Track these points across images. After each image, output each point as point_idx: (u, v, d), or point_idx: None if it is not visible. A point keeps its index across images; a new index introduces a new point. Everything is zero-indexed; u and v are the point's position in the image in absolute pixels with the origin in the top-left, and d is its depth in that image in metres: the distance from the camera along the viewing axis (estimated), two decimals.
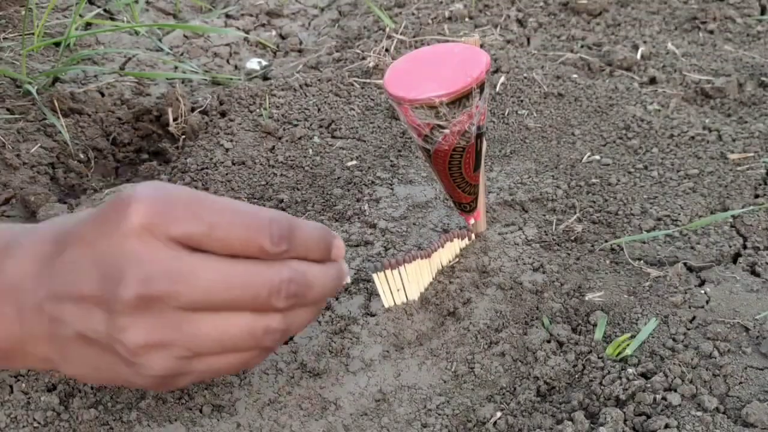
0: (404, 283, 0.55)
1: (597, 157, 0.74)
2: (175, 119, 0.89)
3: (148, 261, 0.37)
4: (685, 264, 0.58)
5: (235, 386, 0.50)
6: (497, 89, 0.88)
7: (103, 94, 0.97)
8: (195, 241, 0.38)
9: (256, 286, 0.39)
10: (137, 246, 0.37)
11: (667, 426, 0.43)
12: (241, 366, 0.42)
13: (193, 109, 0.90)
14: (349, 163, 0.77)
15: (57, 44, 1.06)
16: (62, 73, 0.99)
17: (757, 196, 0.67)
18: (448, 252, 0.59)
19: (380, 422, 0.47)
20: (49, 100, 0.88)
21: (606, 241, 0.62)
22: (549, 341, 0.52)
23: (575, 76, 0.91)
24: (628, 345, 0.49)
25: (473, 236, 0.62)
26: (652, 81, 0.92)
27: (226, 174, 0.76)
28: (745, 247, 0.61)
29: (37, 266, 0.40)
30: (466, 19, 1.13)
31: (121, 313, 0.37)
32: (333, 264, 0.45)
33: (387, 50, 1.00)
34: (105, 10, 1.24)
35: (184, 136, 0.88)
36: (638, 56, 0.96)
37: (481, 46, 1.01)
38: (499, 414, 0.46)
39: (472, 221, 0.60)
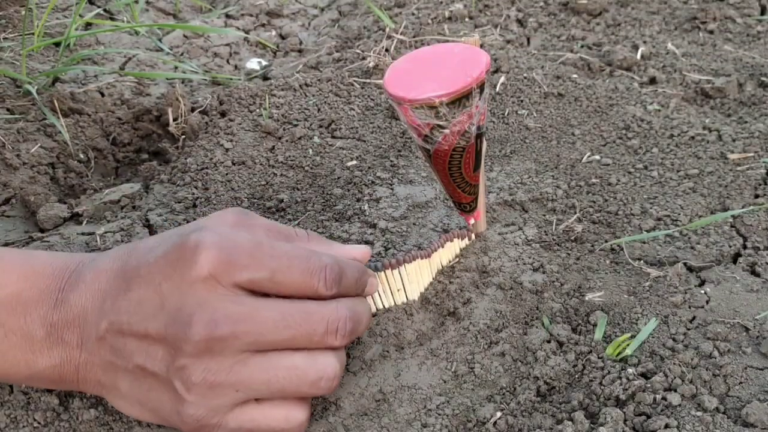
0: (404, 283, 0.55)
1: (597, 157, 0.74)
2: (175, 119, 0.89)
3: (213, 306, 0.40)
4: (685, 264, 0.58)
5: None
6: (497, 89, 0.88)
7: (103, 94, 0.97)
8: (257, 284, 0.42)
9: (313, 322, 0.42)
10: (204, 292, 0.40)
11: (667, 426, 0.43)
12: (281, 424, 0.44)
13: (193, 109, 0.90)
14: (349, 163, 0.77)
15: (57, 44, 1.06)
16: (62, 73, 0.99)
17: (757, 196, 0.67)
18: (448, 252, 0.59)
19: (380, 422, 0.47)
20: (49, 100, 0.88)
21: (606, 241, 0.62)
22: (549, 341, 0.52)
23: (575, 76, 0.91)
24: (628, 345, 0.49)
25: (473, 236, 0.62)
26: (652, 81, 0.92)
27: (226, 174, 0.76)
28: (745, 247, 0.61)
29: (100, 301, 0.43)
30: (466, 19, 1.13)
31: (184, 353, 0.40)
32: (364, 299, 0.50)
33: (387, 50, 1.00)
34: (105, 10, 1.24)
35: (184, 136, 0.88)
36: (638, 56, 0.96)
37: (481, 46, 1.01)
38: (499, 414, 0.46)
39: (472, 221, 0.60)
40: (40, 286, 0.44)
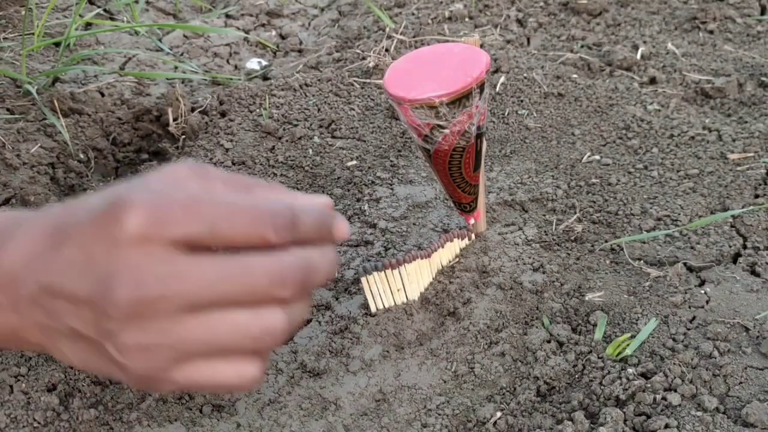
0: (404, 283, 0.55)
1: (597, 157, 0.74)
2: (175, 119, 0.89)
3: (140, 267, 0.37)
4: (685, 264, 0.58)
5: None
6: (497, 89, 0.88)
7: (103, 94, 0.97)
8: (196, 240, 0.38)
9: (255, 276, 0.40)
10: (133, 254, 0.38)
11: (667, 426, 0.43)
12: (232, 379, 0.42)
13: (193, 109, 0.90)
14: (349, 163, 0.77)
15: (57, 44, 1.06)
16: (62, 73, 0.99)
17: (757, 196, 0.67)
18: (448, 252, 0.59)
19: (380, 422, 0.46)
20: (49, 100, 0.88)
21: (606, 241, 0.62)
22: (549, 341, 0.52)
23: (575, 76, 0.91)
24: (628, 345, 0.49)
25: (473, 236, 0.62)
26: (652, 81, 0.92)
27: None
28: (745, 247, 0.60)
29: (30, 258, 0.41)
30: (466, 19, 1.13)
31: (111, 317, 0.38)
32: (329, 247, 0.45)
33: (387, 50, 1.00)
34: (105, 10, 1.24)
35: (184, 136, 0.88)
36: (638, 56, 0.96)
37: (481, 46, 1.01)
38: (499, 414, 0.46)
39: (472, 221, 0.60)
40: None
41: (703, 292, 0.55)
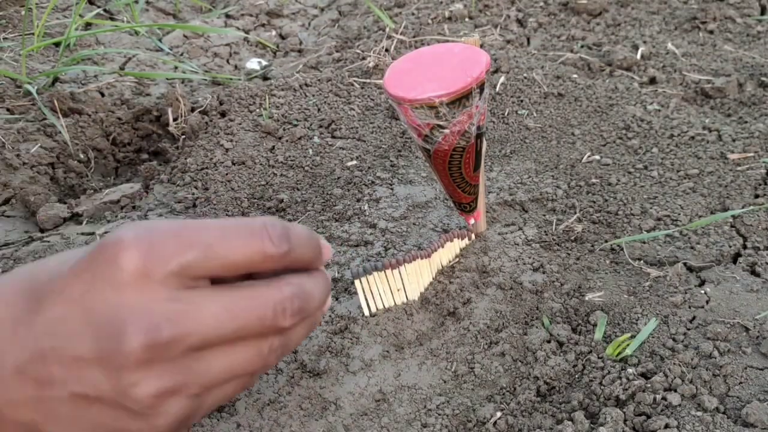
0: (404, 283, 0.55)
1: (597, 157, 0.74)
2: (175, 119, 0.89)
3: (148, 309, 0.36)
4: (685, 264, 0.58)
5: None
6: (497, 89, 0.88)
7: (103, 94, 0.97)
8: (194, 269, 0.37)
9: (261, 309, 0.38)
10: (134, 295, 0.36)
11: (667, 426, 0.43)
12: (245, 387, 0.42)
13: (193, 109, 0.90)
14: (349, 163, 0.77)
15: (57, 44, 1.06)
16: (62, 73, 0.99)
17: (757, 196, 0.67)
18: (448, 252, 0.59)
19: (380, 422, 0.46)
20: (49, 100, 0.88)
21: (606, 241, 0.62)
22: (549, 341, 0.52)
23: (575, 76, 0.91)
24: (628, 345, 0.49)
25: (473, 236, 0.62)
26: (652, 81, 0.92)
27: (226, 174, 0.76)
28: (745, 247, 0.60)
29: (12, 327, 0.37)
30: (466, 19, 1.13)
31: (128, 368, 0.35)
32: (321, 272, 0.46)
33: (387, 50, 1.00)
34: (105, 10, 1.24)
35: (184, 136, 0.88)
36: (638, 56, 0.96)
37: (481, 46, 1.01)
38: (499, 414, 0.46)
39: (472, 221, 0.60)
40: None
41: (703, 292, 0.55)
